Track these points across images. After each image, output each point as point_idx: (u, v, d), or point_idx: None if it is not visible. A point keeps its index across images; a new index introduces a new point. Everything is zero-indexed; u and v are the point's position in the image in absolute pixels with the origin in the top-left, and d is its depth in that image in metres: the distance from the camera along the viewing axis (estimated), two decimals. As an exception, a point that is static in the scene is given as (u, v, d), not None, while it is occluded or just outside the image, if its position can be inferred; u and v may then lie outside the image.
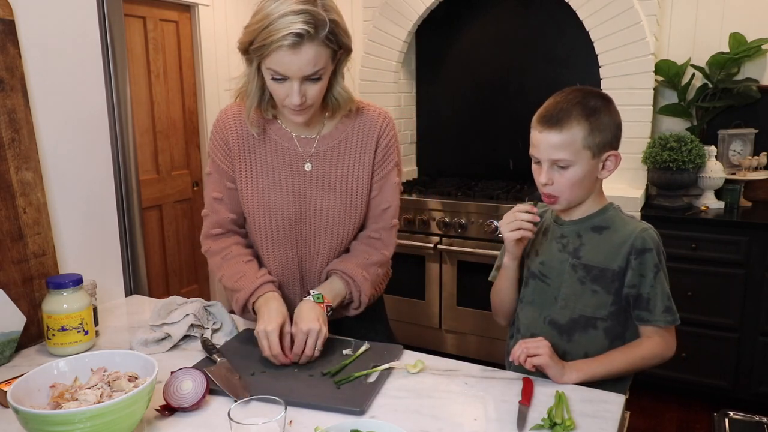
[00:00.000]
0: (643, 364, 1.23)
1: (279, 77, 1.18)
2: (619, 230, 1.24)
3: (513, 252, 1.30)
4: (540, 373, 1.18)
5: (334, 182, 1.34)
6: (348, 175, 1.35)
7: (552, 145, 1.19)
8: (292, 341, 1.22)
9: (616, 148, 1.23)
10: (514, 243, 1.27)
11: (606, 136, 1.20)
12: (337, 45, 1.19)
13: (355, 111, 1.36)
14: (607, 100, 1.23)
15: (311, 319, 1.22)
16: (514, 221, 1.24)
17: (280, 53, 1.14)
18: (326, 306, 1.28)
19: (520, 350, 1.17)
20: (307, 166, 1.34)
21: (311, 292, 1.30)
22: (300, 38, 1.12)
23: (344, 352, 1.26)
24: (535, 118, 1.23)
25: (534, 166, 1.25)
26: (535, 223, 1.24)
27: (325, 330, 1.22)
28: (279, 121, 1.35)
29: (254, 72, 1.24)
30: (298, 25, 1.11)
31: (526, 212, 1.23)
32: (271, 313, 1.23)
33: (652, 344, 1.23)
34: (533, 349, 1.16)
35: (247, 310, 1.32)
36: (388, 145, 1.38)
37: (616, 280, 1.23)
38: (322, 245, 1.37)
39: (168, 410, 1.04)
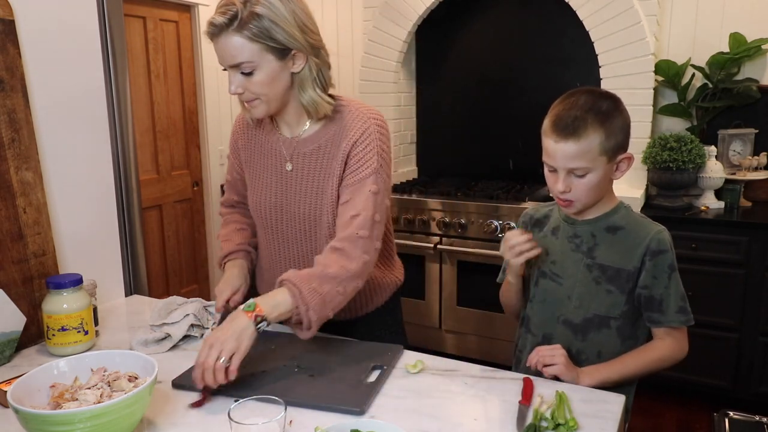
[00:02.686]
0: (657, 367, 1.24)
1: (224, 69, 1.25)
2: (633, 231, 1.24)
3: (517, 271, 1.32)
4: (539, 373, 1.19)
5: (309, 186, 1.35)
6: (321, 179, 1.33)
7: (569, 155, 1.16)
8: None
9: (627, 149, 1.23)
10: (521, 264, 1.28)
11: (619, 138, 1.19)
12: (273, 42, 1.19)
13: (341, 114, 1.33)
14: (616, 101, 1.21)
15: (217, 331, 1.10)
16: (516, 247, 1.24)
17: (212, 44, 1.22)
18: (256, 316, 1.10)
19: (537, 358, 1.19)
20: (288, 166, 1.37)
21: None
22: (215, 28, 1.19)
23: None
24: (547, 127, 1.20)
25: (548, 173, 1.24)
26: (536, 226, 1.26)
27: (231, 345, 1.07)
28: (274, 121, 1.40)
29: None
30: (215, 17, 1.18)
31: (523, 237, 1.24)
32: (227, 278, 1.38)
33: (665, 346, 1.24)
34: (549, 358, 1.18)
35: (222, 269, 1.44)
36: (366, 150, 1.29)
37: (631, 281, 1.23)
38: (295, 250, 1.40)
39: (203, 398, 1.09)
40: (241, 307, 1.13)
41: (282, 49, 1.21)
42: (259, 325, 1.11)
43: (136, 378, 1.01)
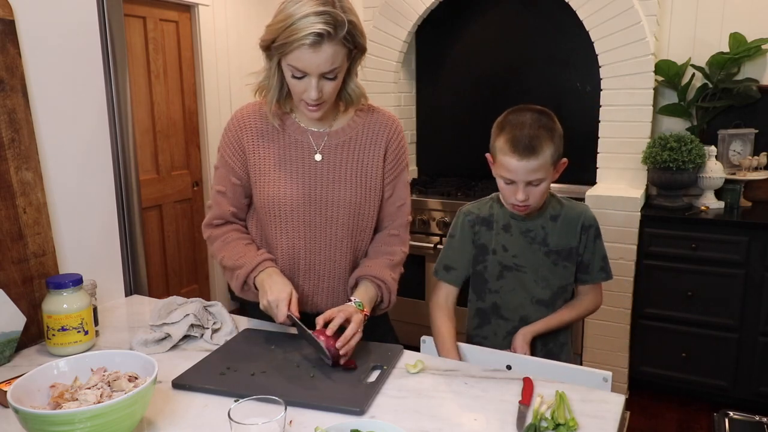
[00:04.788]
0: (583, 316, 1.57)
1: (299, 74, 1.25)
2: (568, 214, 1.49)
3: None
4: (539, 373, 1.20)
5: (346, 175, 1.39)
6: (360, 169, 1.40)
7: (530, 170, 1.35)
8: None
9: (563, 155, 1.42)
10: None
11: (559, 148, 1.38)
12: (353, 44, 1.26)
13: (367, 111, 1.44)
14: (550, 114, 1.40)
15: (351, 313, 1.27)
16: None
17: (301, 51, 1.20)
18: (365, 316, 1.31)
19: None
20: (317, 157, 1.39)
21: (352, 299, 1.34)
22: (320, 38, 1.19)
23: None
24: (506, 148, 1.35)
25: (504, 185, 1.41)
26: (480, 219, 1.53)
27: (360, 335, 1.25)
28: (294, 115, 1.41)
29: (275, 68, 1.30)
30: (319, 26, 1.18)
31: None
32: (277, 284, 1.31)
33: (588, 301, 1.55)
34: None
35: (248, 286, 1.38)
36: (398, 147, 1.45)
37: (577, 254, 1.50)
38: (332, 236, 1.41)
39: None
40: (352, 304, 1.31)
41: (353, 50, 1.28)
42: (365, 321, 1.32)
43: (136, 378, 1.01)
